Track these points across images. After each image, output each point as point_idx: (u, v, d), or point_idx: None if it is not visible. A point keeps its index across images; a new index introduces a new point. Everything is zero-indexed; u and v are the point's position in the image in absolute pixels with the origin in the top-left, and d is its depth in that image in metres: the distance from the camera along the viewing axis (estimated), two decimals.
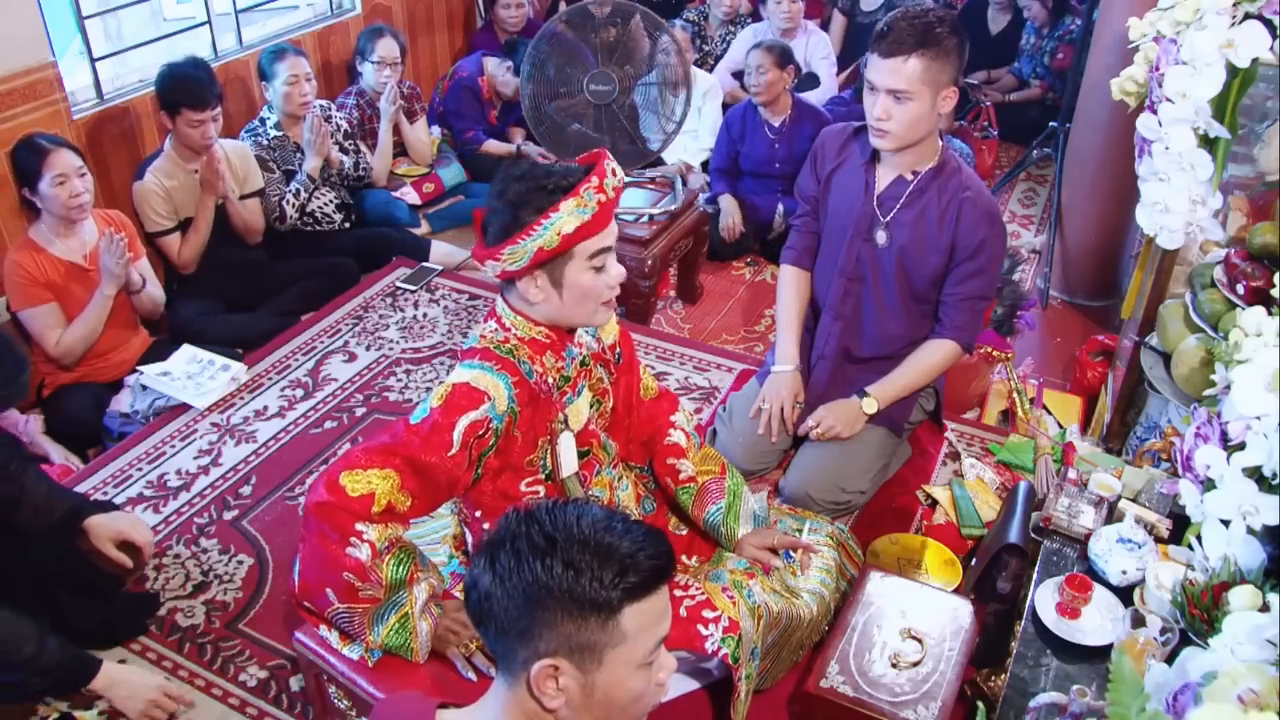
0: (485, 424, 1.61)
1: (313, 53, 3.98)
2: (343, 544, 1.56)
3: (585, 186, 1.55)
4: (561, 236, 1.55)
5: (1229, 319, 1.96)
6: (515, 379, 1.65)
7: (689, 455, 1.98)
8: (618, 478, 1.93)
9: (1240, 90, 1.81)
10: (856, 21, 5.29)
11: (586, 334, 1.82)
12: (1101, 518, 1.89)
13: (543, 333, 1.70)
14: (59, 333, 2.85)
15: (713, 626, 1.67)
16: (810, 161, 2.43)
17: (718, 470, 1.99)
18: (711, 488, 1.96)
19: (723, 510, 1.94)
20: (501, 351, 1.67)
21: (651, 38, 3.20)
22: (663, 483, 2.00)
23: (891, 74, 2.06)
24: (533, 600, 1.08)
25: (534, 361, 1.69)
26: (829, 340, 2.42)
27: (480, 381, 1.62)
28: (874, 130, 2.16)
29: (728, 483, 1.98)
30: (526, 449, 1.72)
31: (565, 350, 1.74)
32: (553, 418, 1.74)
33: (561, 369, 1.73)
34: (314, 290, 3.53)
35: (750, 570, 1.86)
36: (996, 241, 2.25)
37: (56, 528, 2.05)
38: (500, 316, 1.71)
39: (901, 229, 2.26)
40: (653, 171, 3.60)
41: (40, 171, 2.73)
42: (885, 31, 2.06)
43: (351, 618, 1.64)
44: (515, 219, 1.57)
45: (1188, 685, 1.22)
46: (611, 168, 1.60)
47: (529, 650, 1.10)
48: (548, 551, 1.09)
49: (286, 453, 2.81)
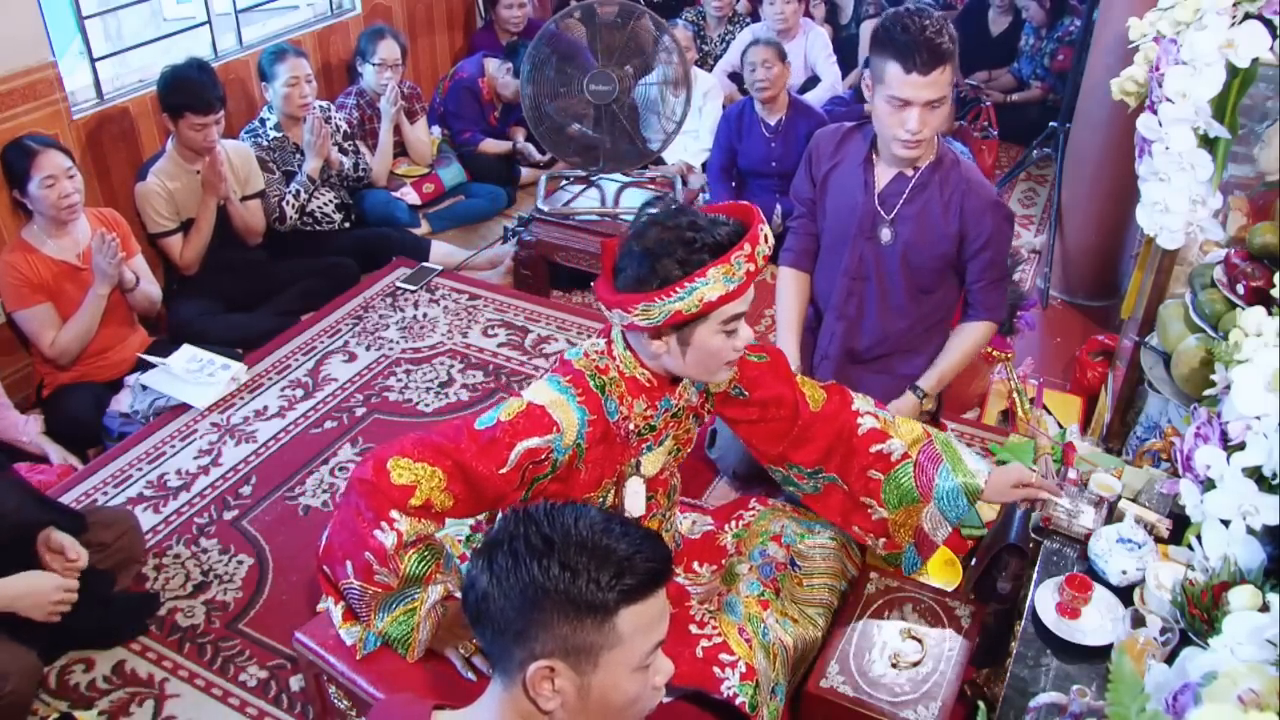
0: (546, 452, 1.56)
1: (313, 53, 3.98)
2: (373, 524, 1.54)
3: (737, 254, 1.47)
4: (703, 304, 1.48)
5: (1229, 319, 1.96)
6: (593, 416, 1.59)
7: (892, 432, 1.87)
8: (668, 517, 1.90)
9: (1240, 90, 1.81)
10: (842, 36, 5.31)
11: (693, 387, 1.75)
12: (1101, 518, 1.89)
13: (646, 376, 1.64)
14: (54, 333, 2.85)
15: (730, 671, 1.65)
16: (805, 163, 2.43)
17: (924, 435, 1.89)
18: (926, 457, 1.84)
19: (948, 469, 1.82)
20: (594, 383, 1.60)
21: (654, 38, 3.20)
22: (862, 482, 1.87)
23: (930, 87, 2.06)
24: (529, 601, 1.08)
25: (622, 402, 1.63)
26: (832, 340, 2.42)
27: (557, 409, 1.56)
28: (907, 144, 2.14)
29: (937, 443, 1.87)
30: (589, 486, 1.66)
31: (661, 400, 1.68)
32: (624, 461, 1.68)
33: (649, 418, 1.67)
34: (314, 290, 3.53)
35: (764, 598, 1.83)
36: (1004, 225, 2.30)
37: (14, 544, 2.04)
38: (612, 342, 1.65)
39: (906, 225, 2.27)
40: (653, 171, 3.60)
41: (29, 173, 2.74)
42: (912, 48, 2.03)
43: (363, 595, 1.64)
44: (653, 271, 1.49)
45: (1188, 685, 1.22)
46: (765, 233, 1.52)
47: (525, 651, 1.10)
48: (544, 552, 1.09)
49: (286, 453, 2.81)
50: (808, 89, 4.71)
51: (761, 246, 1.52)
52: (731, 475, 2.61)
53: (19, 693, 1.91)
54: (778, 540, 1.98)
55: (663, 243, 1.50)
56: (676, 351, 1.58)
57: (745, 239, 1.50)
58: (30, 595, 1.95)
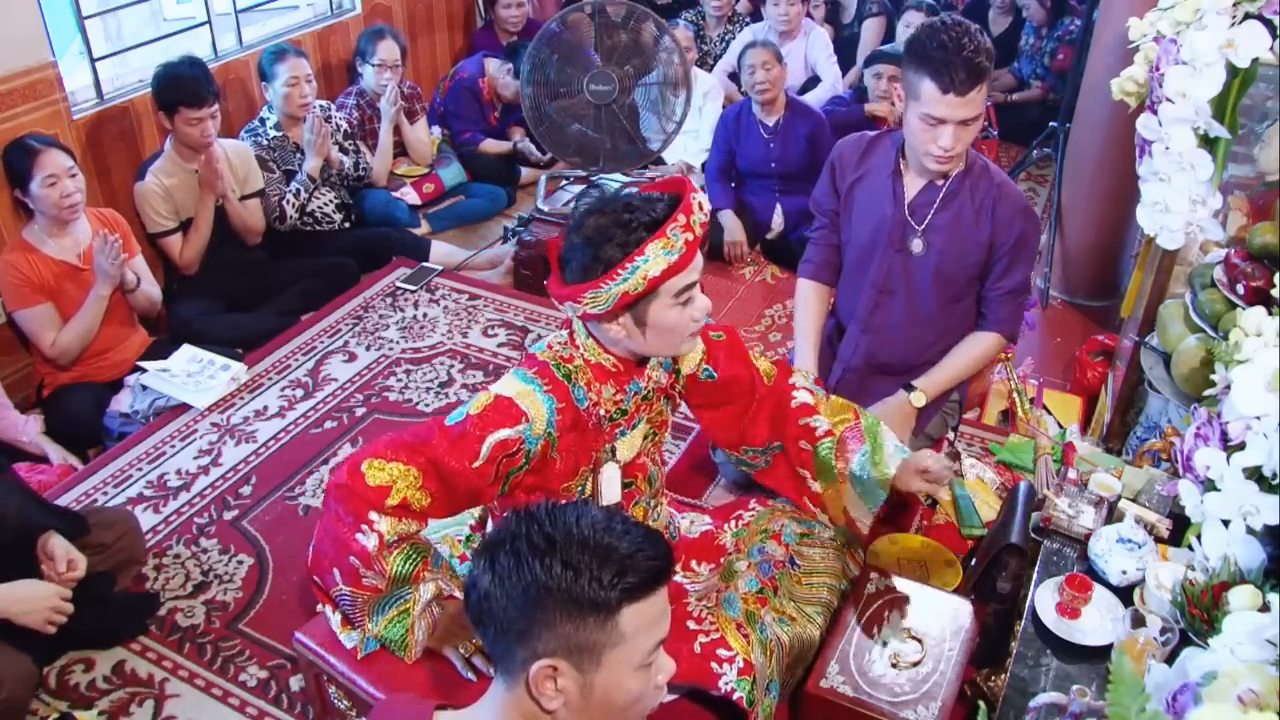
0: (518, 443, 1.57)
1: (313, 53, 3.98)
2: (354, 529, 1.55)
3: (672, 226, 1.48)
4: (648, 280, 1.49)
5: (1229, 319, 1.96)
6: (562, 404, 1.60)
7: (820, 409, 1.93)
8: (654, 506, 1.91)
9: (1240, 90, 1.81)
10: (844, 35, 5.29)
11: (660, 368, 1.77)
12: (1101, 518, 1.89)
13: (611, 361, 1.66)
14: (54, 333, 2.85)
15: (727, 667, 1.65)
16: (828, 174, 2.38)
17: (851, 417, 1.94)
18: (850, 435, 1.90)
19: (866, 454, 1.88)
20: (559, 372, 1.62)
21: (655, 38, 3.20)
22: (795, 449, 1.93)
23: (966, 106, 2.04)
24: (532, 600, 1.08)
25: (590, 389, 1.64)
26: (856, 352, 2.40)
27: (524, 399, 1.58)
28: (940, 159, 2.13)
29: (864, 424, 1.92)
30: (566, 475, 1.68)
31: (629, 384, 1.70)
32: (599, 448, 1.70)
33: (619, 402, 1.69)
34: (314, 290, 3.53)
35: (762, 595, 1.83)
36: (1032, 233, 2.26)
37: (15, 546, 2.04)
38: (574, 332, 1.67)
39: (938, 234, 2.24)
40: (653, 171, 3.60)
41: (31, 172, 2.74)
42: (949, 68, 2.00)
43: (354, 601, 1.64)
44: (596, 258, 1.51)
45: (1187, 685, 1.22)
46: (699, 201, 1.53)
47: (527, 651, 1.10)
48: (547, 551, 1.09)
49: (286, 453, 2.81)
50: (808, 89, 4.71)
51: (697, 215, 1.53)
52: (732, 482, 2.60)
53: (14, 699, 1.91)
54: (777, 539, 1.97)
55: (601, 229, 1.52)
56: (635, 332, 1.59)
57: (679, 210, 1.51)
58: (25, 603, 1.95)
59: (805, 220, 3.67)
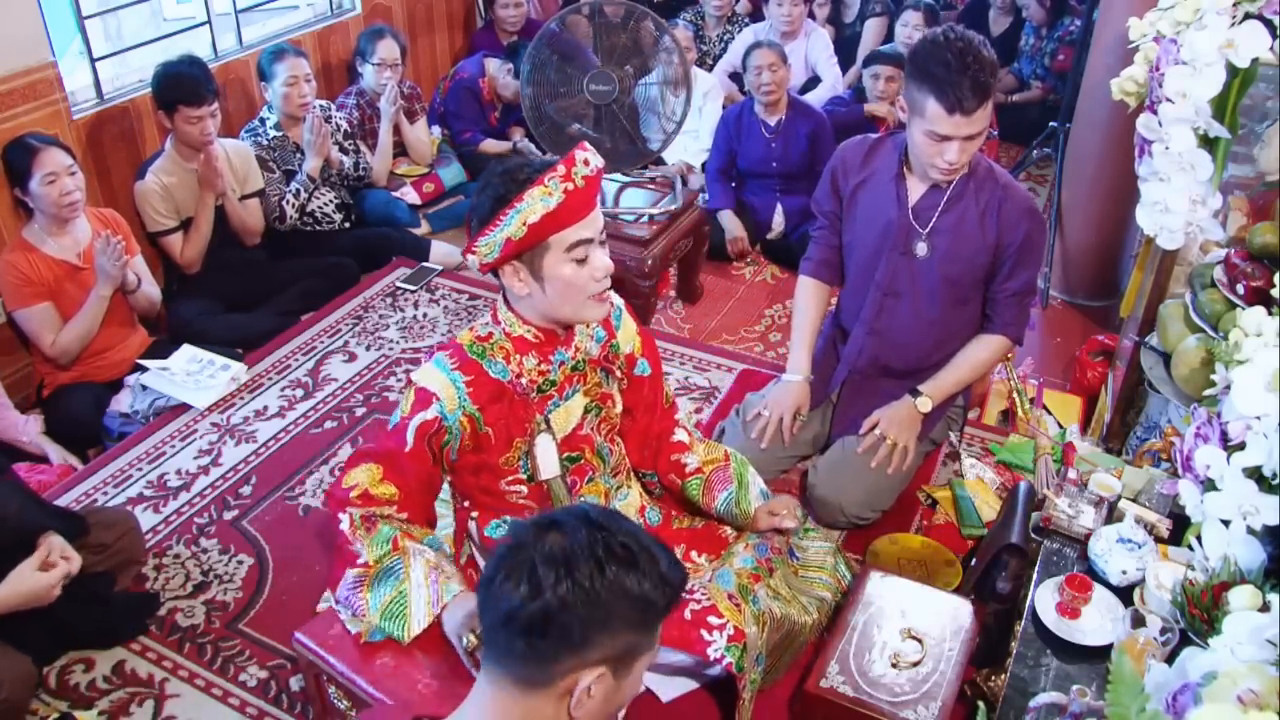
0: (436, 423, 1.66)
1: (313, 53, 3.98)
2: (336, 520, 1.71)
3: (551, 175, 1.55)
4: (529, 226, 1.55)
5: (1229, 319, 1.96)
6: (471, 378, 1.67)
7: (693, 449, 2.00)
8: (616, 487, 1.92)
9: (1240, 90, 1.81)
10: (846, 35, 5.29)
11: (591, 340, 1.81)
12: (1101, 518, 1.89)
13: (531, 331, 1.71)
14: (54, 333, 2.85)
15: (717, 634, 1.66)
16: (829, 177, 2.37)
17: (721, 459, 2.01)
18: (717, 476, 1.98)
19: (732, 495, 1.95)
20: (472, 351, 1.70)
21: (655, 38, 3.20)
22: (667, 480, 2.01)
23: (971, 124, 2.02)
24: (605, 609, 1.05)
25: (510, 361, 1.70)
26: (861, 354, 2.39)
27: (430, 381, 1.67)
28: (944, 171, 2.12)
29: (732, 468, 1.99)
30: (501, 448, 1.74)
31: (553, 354, 1.74)
32: (530, 419, 1.74)
33: (545, 373, 1.73)
34: (314, 290, 3.53)
35: (756, 572, 1.84)
36: (1038, 235, 2.25)
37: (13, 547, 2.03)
38: (497, 309, 1.73)
39: (942, 237, 2.22)
40: (653, 171, 3.60)
41: (31, 171, 2.74)
42: (954, 87, 1.96)
43: (358, 585, 1.69)
44: (491, 211, 1.58)
45: (1187, 685, 1.22)
46: (584, 158, 1.59)
47: (576, 659, 1.06)
48: (629, 561, 1.07)
49: (286, 453, 2.81)
50: (808, 89, 4.71)
51: (579, 168, 1.57)
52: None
53: (14, 699, 1.91)
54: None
55: (494, 184, 1.59)
56: (535, 288, 1.64)
57: (560, 161, 1.57)
58: (29, 594, 1.94)
59: (806, 220, 3.67)
